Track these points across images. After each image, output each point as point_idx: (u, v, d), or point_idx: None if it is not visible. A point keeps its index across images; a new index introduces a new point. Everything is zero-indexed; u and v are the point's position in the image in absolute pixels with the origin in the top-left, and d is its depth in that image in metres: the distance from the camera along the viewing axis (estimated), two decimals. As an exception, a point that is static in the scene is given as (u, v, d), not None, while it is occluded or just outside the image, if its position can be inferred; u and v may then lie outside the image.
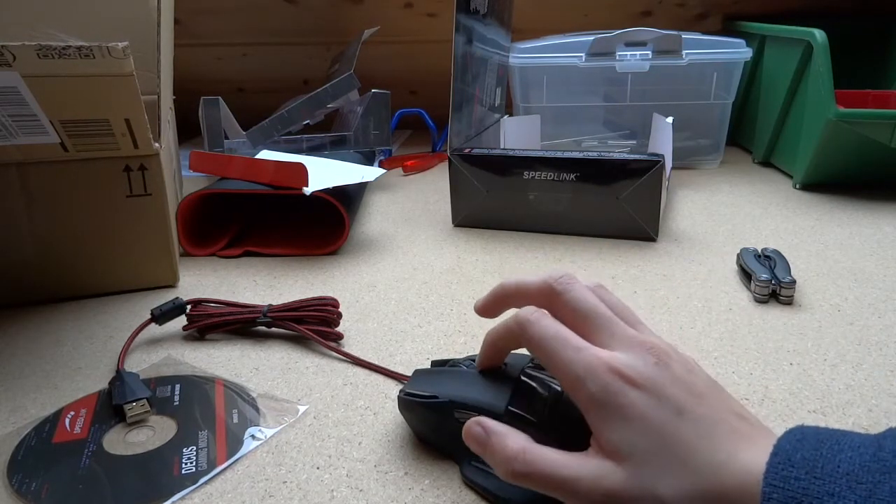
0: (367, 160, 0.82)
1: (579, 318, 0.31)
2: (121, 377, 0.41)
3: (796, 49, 0.81)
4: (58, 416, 0.39)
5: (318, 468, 0.35)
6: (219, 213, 0.70)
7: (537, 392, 0.32)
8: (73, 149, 0.50)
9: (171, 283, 0.57)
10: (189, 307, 0.48)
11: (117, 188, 0.52)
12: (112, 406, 0.39)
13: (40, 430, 0.38)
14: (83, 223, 0.53)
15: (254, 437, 0.37)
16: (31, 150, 0.49)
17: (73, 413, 0.39)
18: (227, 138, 0.85)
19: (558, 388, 0.33)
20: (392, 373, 0.43)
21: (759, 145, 0.94)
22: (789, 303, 0.52)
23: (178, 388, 0.42)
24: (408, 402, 0.36)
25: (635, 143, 0.91)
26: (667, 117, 0.74)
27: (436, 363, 0.40)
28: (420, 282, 0.58)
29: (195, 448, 0.36)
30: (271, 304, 0.48)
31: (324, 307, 0.47)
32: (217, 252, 0.64)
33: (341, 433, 0.38)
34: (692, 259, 0.61)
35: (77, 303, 0.54)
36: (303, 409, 0.40)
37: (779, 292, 0.52)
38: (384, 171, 0.72)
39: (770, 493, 0.23)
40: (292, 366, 0.45)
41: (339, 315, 0.48)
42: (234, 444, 0.36)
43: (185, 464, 0.35)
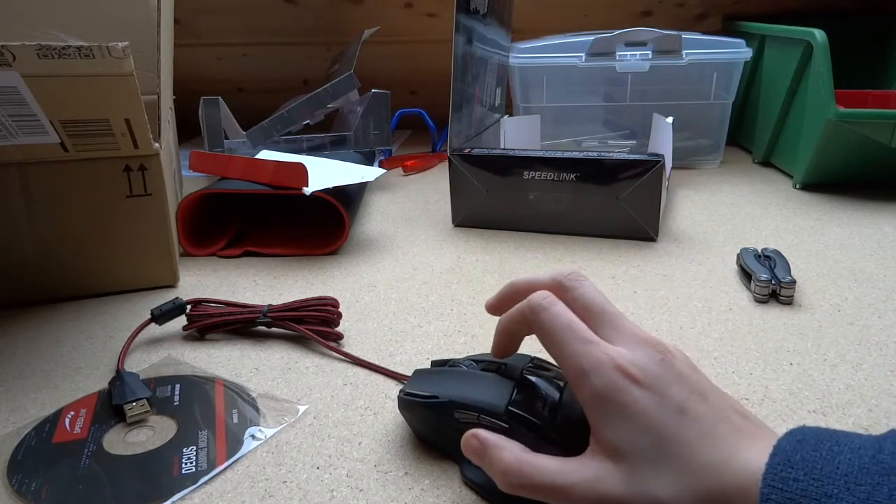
0: (367, 160, 0.82)
1: (587, 313, 0.31)
2: (121, 377, 0.41)
3: (796, 49, 0.81)
4: (58, 416, 0.39)
5: (318, 468, 0.35)
6: (219, 213, 0.70)
7: (537, 392, 0.32)
8: (73, 149, 0.50)
9: (171, 283, 0.57)
10: (189, 307, 0.49)
11: (117, 188, 0.52)
12: (112, 406, 0.39)
13: (40, 430, 0.38)
14: (83, 223, 0.53)
15: (254, 437, 0.37)
16: (31, 150, 0.49)
17: (73, 413, 0.39)
18: (227, 138, 0.85)
19: (558, 388, 0.33)
20: (392, 373, 0.43)
21: (759, 145, 0.94)
22: (789, 303, 0.52)
23: (178, 388, 0.42)
24: (408, 402, 0.36)
25: (635, 143, 0.91)
26: (667, 117, 0.74)
27: (436, 363, 0.39)
28: (420, 282, 0.58)
29: (195, 448, 0.36)
30: (271, 304, 0.48)
31: (324, 307, 0.47)
32: (217, 252, 0.64)
33: (341, 433, 0.38)
34: (692, 259, 0.61)
35: (77, 303, 0.54)
36: (303, 409, 0.40)
37: (779, 292, 0.52)
38: (384, 171, 0.72)
39: (768, 494, 0.23)
40: (292, 366, 0.45)
41: (339, 315, 0.48)
42: (234, 443, 0.36)
43: (185, 464, 0.35)
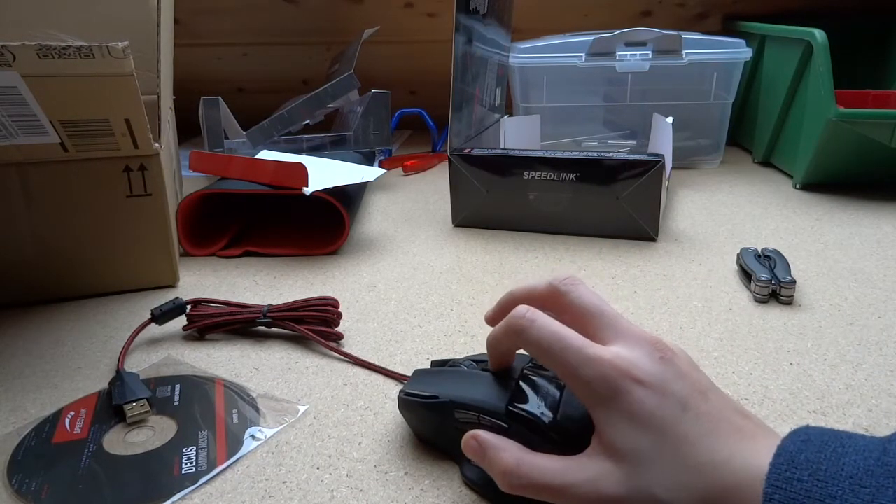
0: (367, 160, 0.82)
1: (584, 315, 0.31)
2: (121, 377, 0.41)
3: (796, 49, 0.81)
4: (58, 417, 0.39)
5: (317, 468, 0.35)
6: (219, 213, 0.70)
7: (537, 392, 0.32)
8: (73, 149, 0.50)
9: (171, 283, 0.57)
10: (189, 307, 0.48)
11: (117, 188, 0.52)
12: (112, 406, 0.39)
13: (40, 430, 0.38)
14: (83, 223, 0.53)
15: (254, 437, 0.37)
16: (31, 150, 0.49)
17: (73, 413, 0.39)
18: (227, 138, 0.85)
19: (558, 388, 0.33)
20: (392, 373, 0.43)
21: (759, 145, 0.94)
22: (789, 303, 0.52)
23: (178, 388, 0.42)
24: (408, 403, 0.36)
25: (635, 143, 0.91)
26: (667, 117, 0.74)
27: (436, 363, 0.39)
28: (420, 282, 0.58)
29: (195, 448, 0.36)
30: (271, 304, 0.48)
31: (324, 307, 0.47)
32: (217, 252, 0.64)
33: (341, 433, 0.38)
34: (692, 259, 0.61)
35: (77, 303, 0.54)
36: (303, 409, 0.40)
37: (779, 292, 0.52)
38: (384, 171, 0.72)
39: (772, 494, 0.23)
40: (292, 366, 0.45)
41: (339, 315, 0.48)
42: (234, 444, 0.36)
43: (185, 464, 0.35)
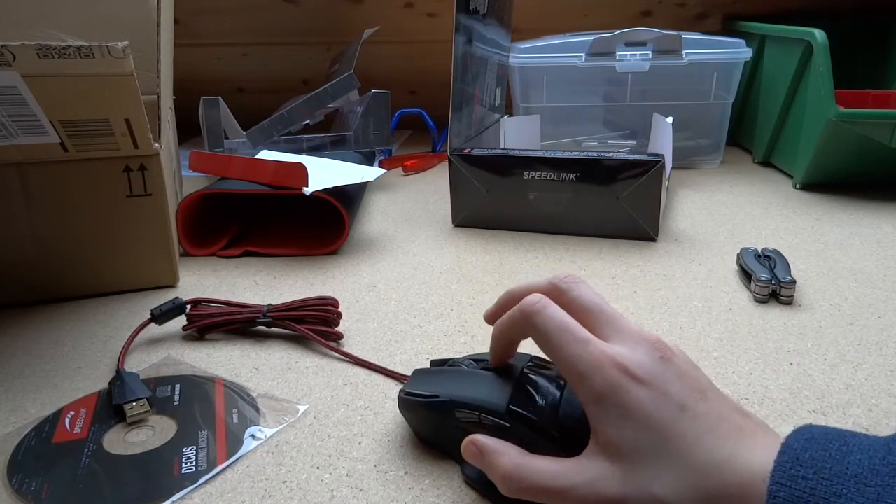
0: (367, 160, 0.82)
1: (584, 314, 0.31)
2: (121, 377, 0.41)
3: (796, 49, 0.81)
4: (58, 416, 0.39)
5: (317, 468, 0.35)
6: (219, 213, 0.70)
7: (538, 391, 0.32)
8: (73, 149, 0.50)
9: (171, 283, 0.57)
10: (189, 307, 0.48)
11: (117, 188, 0.52)
12: (112, 406, 0.39)
13: (40, 430, 0.38)
14: (83, 223, 0.53)
15: (254, 436, 0.37)
16: (31, 150, 0.49)
17: (72, 413, 0.39)
18: (227, 138, 0.85)
19: (559, 387, 0.33)
20: (392, 373, 0.43)
21: (759, 145, 0.94)
22: (789, 303, 0.52)
23: (177, 387, 0.42)
24: (408, 402, 0.36)
25: (635, 143, 0.91)
26: (667, 117, 0.74)
27: (435, 363, 0.39)
28: (420, 282, 0.58)
29: (195, 448, 0.36)
30: (271, 304, 0.48)
31: (324, 307, 0.47)
32: (217, 252, 0.64)
33: (341, 433, 0.38)
34: (692, 259, 0.61)
35: (77, 303, 0.54)
36: (303, 408, 0.40)
37: (779, 292, 0.52)
38: (384, 171, 0.72)
39: (776, 492, 0.23)
40: (292, 366, 0.45)
41: (339, 315, 0.48)
42: (234, 443, 0.36)
43: (185, 463, 0.35)
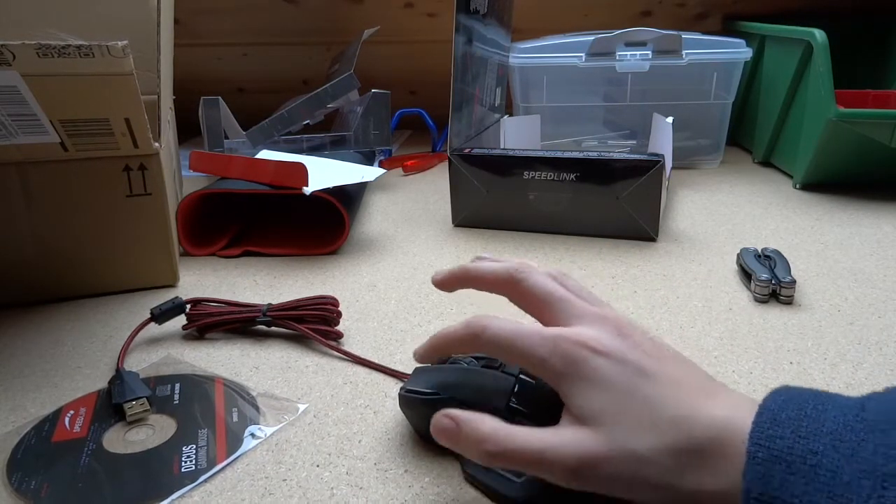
0: (367, 160, 0.82)
1: (540, 302, 0.32)
2: (120, 376, 0.41)
3: (796, 49, 0.81)
4: (57, 415, 0.39)
5: (317, 466, 0.35)
6: (219, 213, 0.70)
7: (538, 388, 0.32)
8: (72, 148, 0.50)
9: (171, 283, 0.57)
10: (188, 306, 0.49)
11: (117, 188, 0.52)
12: (112, 405, 0.39)
13: (40, 429, 0.38)
14: (83, 223, 0.53)
15: (253, 435, 0.37)
16: (31, 150, 0.49)
17: (72, 412, 0.39)
18: (227, 138, 0.85)
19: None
20: (392, 371, 0.43)
21: (759, 145, 0.94)
22: (789, 303, 0.52)
23: (177, 386, 0.42)
24: (409, 400, 0.36)
25: (635, 143, 0.91)
26: (667, 117, 0.74)
27: (436, 360, 0.39)
28: (420, 282, 0.58)
29: (195, 446, 0.36)
30: (271, 304, 0.48)
31: (323, 306, 0.47)
32: (217, 252, 0.64)
33: (341, 431, 0.38)
34: (692, 259, 0.61)
35: (77, 303, 0.54)
36: (303, 407, 0.40)
37: (779, 292, 0.52)
38: (384, 171, 0.72)
39: (755, 452, 0.24)
40: (292, 364, 0.45)
41: (339, 314, 0.48)
42: (234, 442, 0.36)
43: (185, 462, 0.35)
